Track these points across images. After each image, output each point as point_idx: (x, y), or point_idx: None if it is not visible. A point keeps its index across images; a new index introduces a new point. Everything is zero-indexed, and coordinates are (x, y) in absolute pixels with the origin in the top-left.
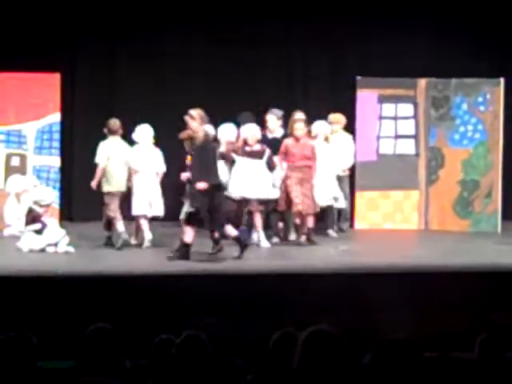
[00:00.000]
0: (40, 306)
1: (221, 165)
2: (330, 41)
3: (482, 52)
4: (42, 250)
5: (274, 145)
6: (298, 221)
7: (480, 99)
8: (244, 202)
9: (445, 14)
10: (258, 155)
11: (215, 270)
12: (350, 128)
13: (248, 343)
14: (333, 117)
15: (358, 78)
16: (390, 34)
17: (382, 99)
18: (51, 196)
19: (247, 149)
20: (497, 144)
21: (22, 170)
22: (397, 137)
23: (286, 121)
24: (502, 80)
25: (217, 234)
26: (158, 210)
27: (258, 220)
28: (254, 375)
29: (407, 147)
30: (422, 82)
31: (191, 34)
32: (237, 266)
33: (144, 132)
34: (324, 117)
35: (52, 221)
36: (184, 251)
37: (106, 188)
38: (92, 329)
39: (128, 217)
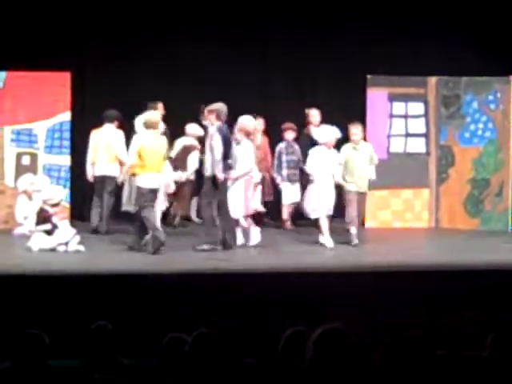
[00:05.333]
0: (50, 304)
1: None
2: (341, 39)
3: (492, 50)
4: (53, 250)
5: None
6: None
7: (490, 97)
8: None
9: (455, 13)
10: None
11: (226, 269)
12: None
13: (259, 342)
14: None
15: (369, 76)
16: (400, 32)
17: (393, 97)
18: (61, 194)
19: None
20: (507, 142)
21: (32, 168)
22: (407, 135)
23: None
24: None
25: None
26: None
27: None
28: (265, 374)
29: (418, 146)
30: (433, 81)
31: (202, 33)
32: (247, 264)
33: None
34: (333, 115)
35: (63, 221)
36: None
37: None
38: (92, 328)
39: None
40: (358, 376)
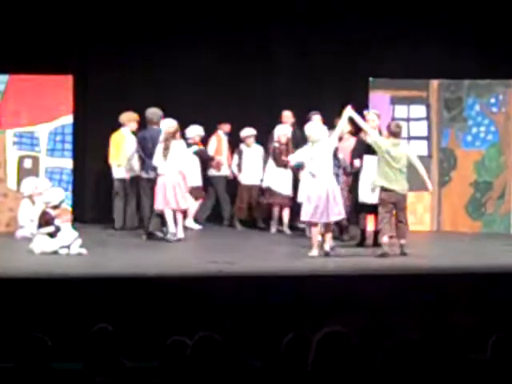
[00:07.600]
0: (52, 307)
1: None
2: (344, 42)
3: (494, 53)
4: (55, 253)
5: None
6: None
7: (492, 100)
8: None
9: (457, 16)
10: None
11: (229, 272)
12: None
13: (261, 345)
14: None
15: (371, 79)
16: (402, 35)
17: (395, 100)
18: (60, 196)
19: None
20: (509, 145)
21: (34, 171)
22: (409, 138)
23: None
24: None
25: None
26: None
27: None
28: (268, 377)
29: (420, 148)
30: (435, 84)
31: (203, 34)
32: (251, 267)
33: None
34: (336, 118)
35: (65, 224)
36: None
37: None
38: (94, 330)
39: None
40: (359, 378)
